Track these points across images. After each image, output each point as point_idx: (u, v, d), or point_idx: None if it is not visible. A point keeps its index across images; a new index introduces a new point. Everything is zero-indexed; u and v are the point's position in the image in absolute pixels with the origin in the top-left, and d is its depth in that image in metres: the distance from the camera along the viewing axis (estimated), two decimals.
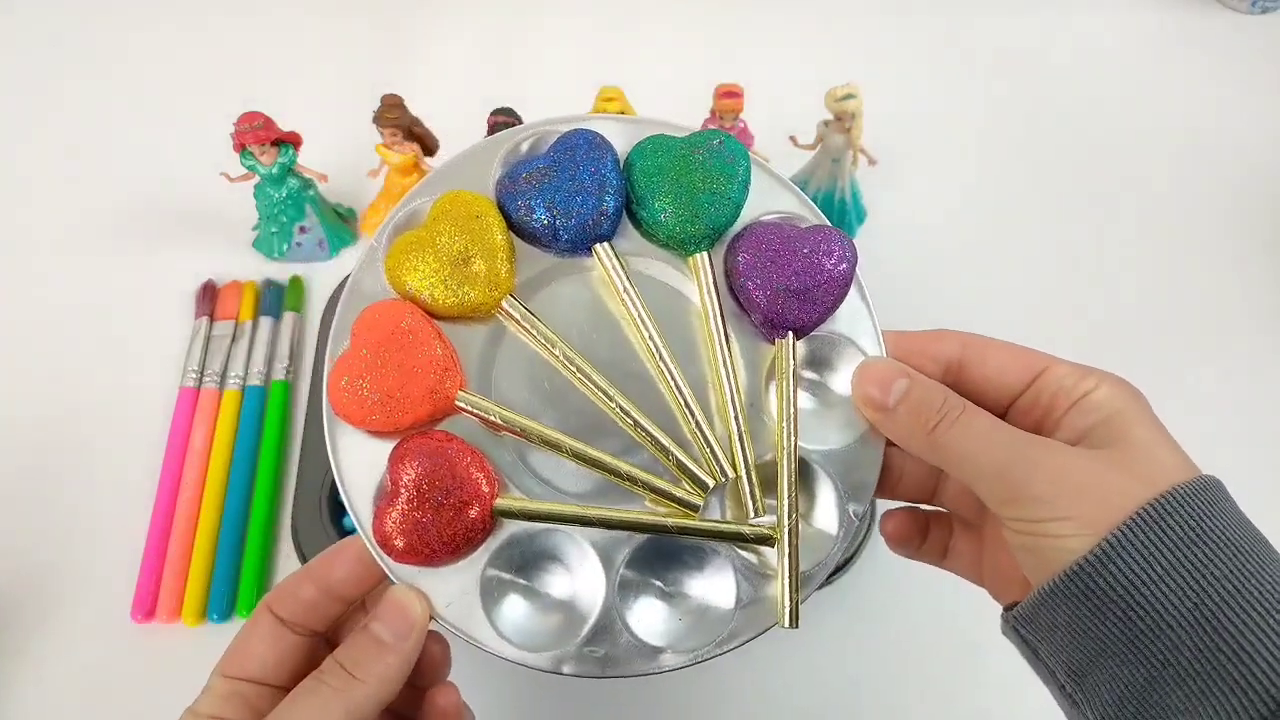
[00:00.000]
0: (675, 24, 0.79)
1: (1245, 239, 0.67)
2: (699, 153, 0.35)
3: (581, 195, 0.35)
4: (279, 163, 0.58)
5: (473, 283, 0.34)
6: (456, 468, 0.32)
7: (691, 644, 0.33)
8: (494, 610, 0.33)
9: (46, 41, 0.77)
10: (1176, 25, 0.79)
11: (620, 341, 0.36)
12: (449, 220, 0.35)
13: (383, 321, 0.34)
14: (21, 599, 0.52)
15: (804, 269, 0.35)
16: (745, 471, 0.34)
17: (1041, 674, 0.32)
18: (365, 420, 0.33)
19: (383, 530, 0.32)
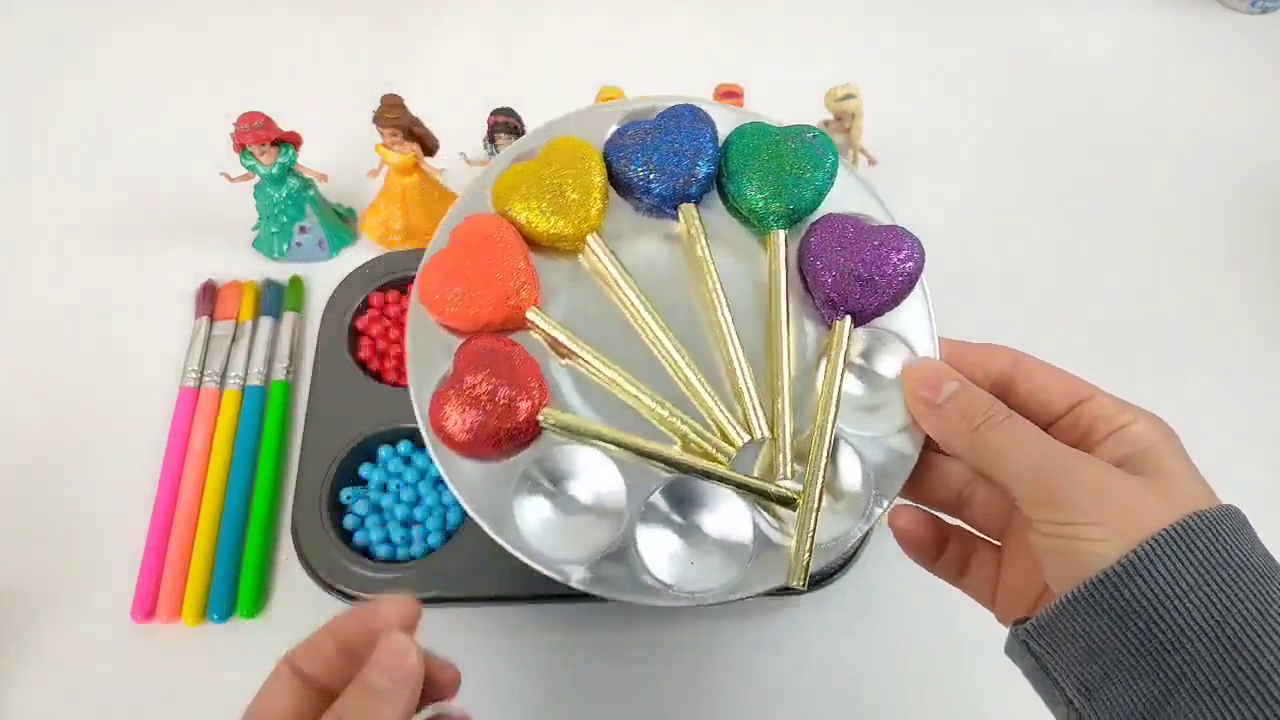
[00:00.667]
0: (675, 24, 0.79)
1: (1246, 239, 0.67)
2: (792, 142, 0.38)
3: (678, 157, 0.38)
4: (279, 163, 0.58)
5: (565, 213, 0.37)
6: (515, 369, 0.35)
7: (697, 587, 0.35)
8: (520, 513, 0.35)
9: (46, 42, 0.77)
10: (1176, 25, 0.79)
11: (685, 300, 0.38)
12: (556, 158, 0.38)
13: (479, 230, 0.37)
14: (22, 598, 0.52)
15: (872, 259, 0.37)
16: (782, 435, 0.36)
17: (1046, 692, 0.32)
18: (443, 310, 0.37)
19: (438, 413, 0.35)
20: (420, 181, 0.61)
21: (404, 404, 0.56)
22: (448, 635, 0.52)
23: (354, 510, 0.53)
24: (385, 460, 0.55)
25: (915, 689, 0.51)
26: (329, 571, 0.51)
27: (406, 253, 0.63)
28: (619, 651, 0.52)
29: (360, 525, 0.53)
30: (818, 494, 0.35)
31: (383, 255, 0.63)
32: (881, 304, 0.37)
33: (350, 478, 0.55)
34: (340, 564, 0.51)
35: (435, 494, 0.54)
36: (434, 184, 0.62)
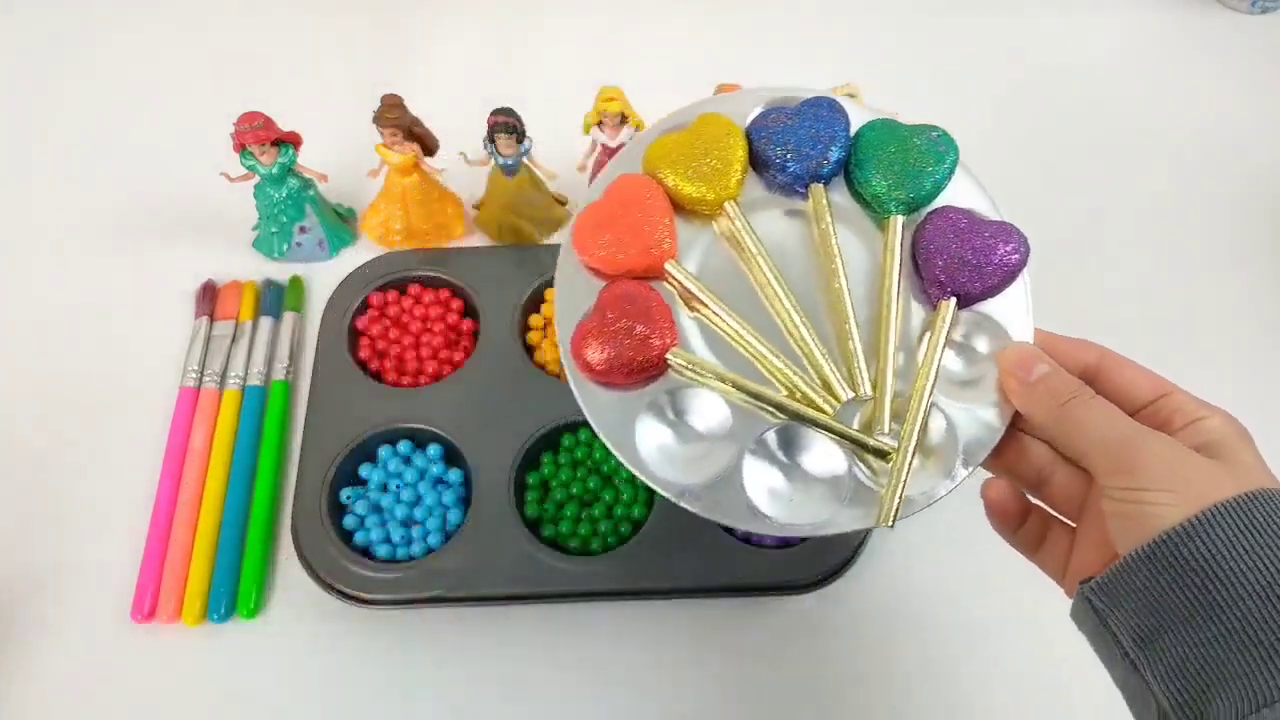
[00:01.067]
0: (675, 24, 0.79)
1: (1245, 239, 0.67)
2: (918, 138, 0.42)
3: (813, 141, 0.42)
4: (279, 163, 0.58)
5: (707, 180, 0.42)
6: (651, 311, 0.39)
7: (791, 520, 0.38)
8: (641, 436, 0.39)
9: (46, 42, 0.77)
10: (1176, 25, 0.79)
11: (804, 269, 0.42)
12: (705, 132, 0.43)
13: (632, 188, 0.42)
14: (22, 598, 0.52)
15: (982, 248, 0.40)
16: (883, 395, 0.39)
17: (1105, 647, 0.34)
18: (593, 254, 0.41)
19: (580, 342, 0.39)
20: (420, 181, 0.61)
21: (404, 404, 0.56)
22: (448, 635, 0.52)
23: (354, 510, 0.53)
24: (385, 460, 0.55)
25: (914, 689, 0.51)
26: (329, 571, 0.51)
27: (407, 253, 0.63)
28: (619, 651, 0.52)
29: (360, 525, 0.53)
30: (912, 449, 0.38)
31: (383, 255, 0.63)
32: (986, 290, 0.41)
33: (350, 478, 0.55)
34: (340, 564, 0.51)
35: (435, 494, 0.54)
36: (434, 184, 0.62)
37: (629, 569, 0.51)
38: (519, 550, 0.51)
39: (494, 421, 0.55)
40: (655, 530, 0.52)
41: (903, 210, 0.42)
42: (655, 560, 0.51)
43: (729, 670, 0.51)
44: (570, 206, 0.66)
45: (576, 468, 0.55)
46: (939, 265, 0.41)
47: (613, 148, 0.59)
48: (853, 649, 0.52)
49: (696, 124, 0.43)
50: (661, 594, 0.51)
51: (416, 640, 0.52)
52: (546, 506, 0.53)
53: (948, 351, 0.41)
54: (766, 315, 0.41)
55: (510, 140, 0.57)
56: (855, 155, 0.43)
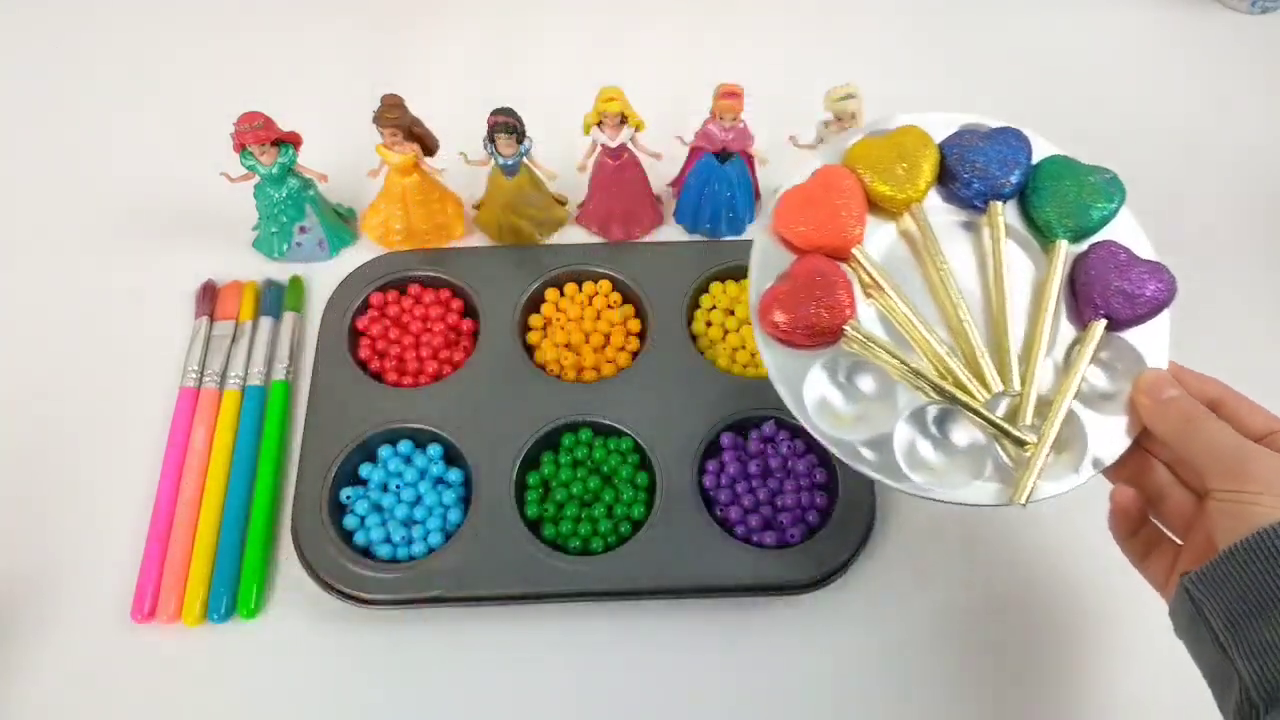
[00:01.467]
0: (675, 24, 0.79)
1: (1245, 239, 0.67)
2: (1092, 177, 0.48)
3: (1000, 164, 0.48)
4: (279, 163, 0.58)
5: (897, 183, 0.47)
6: (835, 285, 0.45)
7: (930, 487, 0.44)
8: (809, 392, 0.45)
9: (47, 42, 0.77)
10: (1176, 25, 0.79)
11: (969, 272, 0.48)
12: (903, 140, 0.48)
13: (834, 177, 0.47)
14: (22, 598, 0.52)
15: (1136, 281, 0.46)
16: (1029, 392, 0.44)
17: (1197, 637, 0.38)
18: (791, 231, 0.46)
19: (768, 306, 0.45)
20: (420, 182, 0.61)
21: (404, 404, 0.56)
22: (448, 635, 0.52)
23: (354, 510, 0.53)
24: (385, 460, 0.55)
25: (913, 688, 0.51)
26: (329, 571, 0.51)
27: (407, 253, 0.63)
28: (618, 650, 0.52)
29: (361, 525, 0.53)
30: (1050, 442, 0.43)
31: (383, 255, 0.63)
32: (1133, 318, 0.46)
33: (350, 478, 0.55)
34: (341, 564, 0.51)
35: (435, 494, 0.54)
36: (434, 184, 0.62)
37: (629, 569, 0.51)
38: (519, 550, 0.51)
39: (494, 421, 0.55)
40: (655, 530, 0.52)
41: (1069, 237, 0.47)
42: (655, 560, 0.51)
43: (728, 670, 0.51)
44: (570, 207, 0.66)
45: (577, 468, 0.55)
46: (1096, 290, 0.46)
47: (613, 148, 0.60)
48: (851, 649, 0.52)
49: (896, 133, 0.49)
50: (661, 594, 0.51)
51: (417, 640, 0.52)
52: (547, 506, 0.53)
53: (1090, 366, 0.46)
54: (931, 309, 0.47)
55: (510, 140, 0.57)
56: (1033, 182, 0.48)
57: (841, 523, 0.52)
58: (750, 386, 0.57)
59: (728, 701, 0.50)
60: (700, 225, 0.65)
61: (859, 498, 0.53)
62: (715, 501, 0.54)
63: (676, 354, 0.58)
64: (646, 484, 0.54)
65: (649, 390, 0.57)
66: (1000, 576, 0.54)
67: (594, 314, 0.61)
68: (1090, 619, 0.53)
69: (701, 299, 0.61)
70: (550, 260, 0.62)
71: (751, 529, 0.53)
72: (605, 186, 0.62)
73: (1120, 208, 0.48)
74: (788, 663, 0.51)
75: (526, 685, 0.51)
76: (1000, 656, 0.52)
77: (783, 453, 0.55)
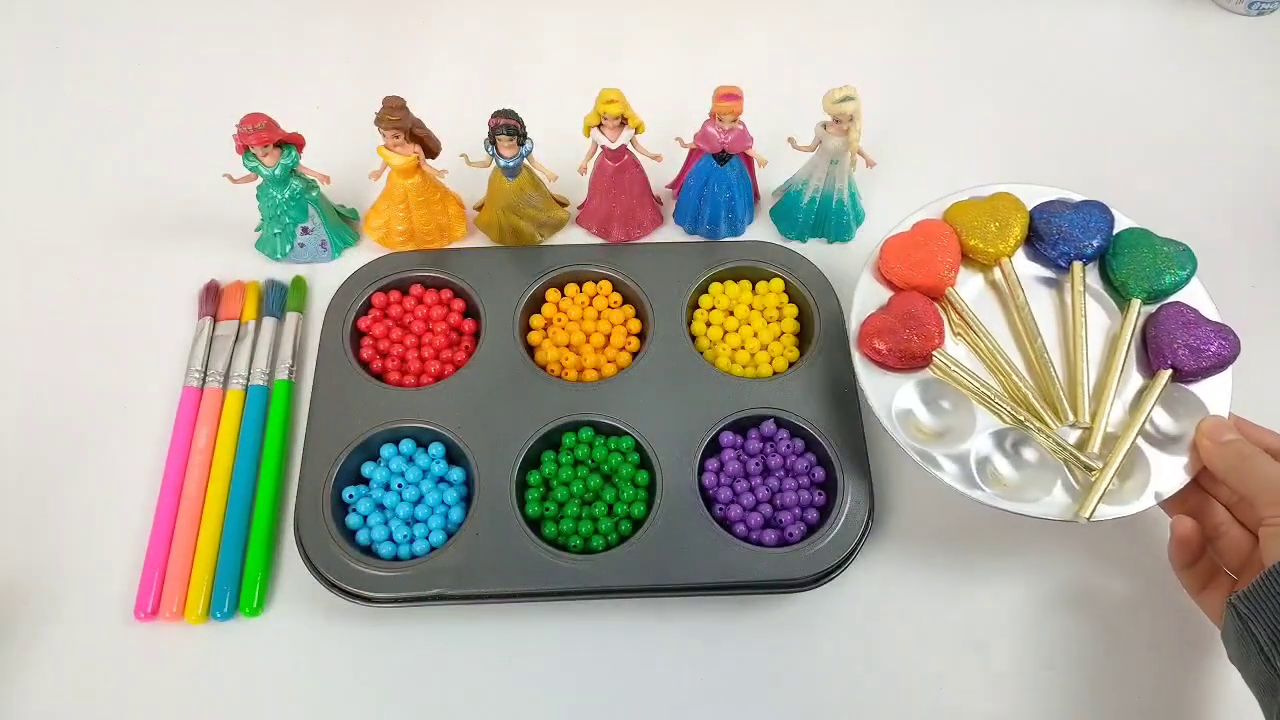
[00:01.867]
0: (675, 26, 0.79)
1: (1244, 239, 0.67)
2: (1167, 247, 0.55)
3: (1083, 230, 0.56)
4: (281, 164, 0.59)
5: (989, 239, 0.56)
6: (928, 318, 0.53)
7: (1002, 499, 0.49)
8: (898, 406, 0.52)
9: (49, 43, 0.78)
10: (1174, 27, 0.80)
11: (1048, 322, 0.55)
12: (997, 203, 0.57)
13: (934, 228, 0.56)
14: (25, 597, 0.53)
15: (1202, 338, 0.52)
16: (1100, 425, 0.51)
17: (1244, 648, 0.41)
18: (894, 269, 0.55)
19: (868, 330, 0.53)
20: (422, 183, 0.61)
21: (406, 403, 0.57)
22: (450, 633, 0.52)
23: (357, 509, 0.54)
24: (388, 459, 0.55)
25: (913, 686, 0.51)
26: (332, 570, 0.51)
27: (408, 254, 0.63)
28: (618, 649, 0.52)
29: (363, 524, 0.54)
30: (1114, 469, 0.50)
31: (385, 256, 0.63)
32: (1197, 370, 0.52)
33: (353, 477, 0.55)
34: (343, 562, 0.51)
35: (438, 493, 0.54)
36: (436, 186, 0.63)
37: (630, 567, 0.51)
38: (520, 548, 0.52)
39: (496, 421, 0.56)
40: (655, 529, 0.52)
41: (1143, 297, 0.54)
42: (655, 558, 0.51)
43: (729, 668, 0.51)
44: (570, 208, 0.67)
45: (577, 467, 0.55)
46: (1165, 343, 0.52)
47: (613, 150, 0.60)
48: (850, 647, 0.52)
49: (992, 197, 0.58)
50: (662, 592, 0.52)
51: (419, 638, 0.52)
52: (548, 505, 0.54)
53: (1156, 409, 0.52)
54: (1013, 349, 0.55)
55: (511, 142, 0.58)
56: (1113, 248, 0.56)
57: (841, 521, 0.52)
58: (750, 386, 0.57)
59: (728, 699, 0.51)
60: (700, 226, 0.65)
61: (858, 496, 0.53)
62: (715, 500, 0.54)
63: (676, 354, 0.59)
64: (647, 483, 0.55)
65: (649, 390, 0.57)
66: (1000, 577, 0.54)
67: (594, 314, 0.61)
68: (1090, 619, 0.53)
69: (701, 299, 0.62)
70: (551, 261, 0.62)
71: (751, 527, 0.53)
72: (605, 188, 0.63)
73: (1192, 276, 0.55)
74: (788, 660, 0.52)
75: (527, 683, 0.51)
76: (999, 655, 0.52)
77: (782, 451, 0.55)
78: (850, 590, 0.53)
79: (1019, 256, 0.57)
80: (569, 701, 0.51)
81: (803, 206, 0.64)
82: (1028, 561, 0.55)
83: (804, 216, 0.65)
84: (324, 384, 0.57)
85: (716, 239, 0.65)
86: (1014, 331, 0.55)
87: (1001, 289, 0.56)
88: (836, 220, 0.65)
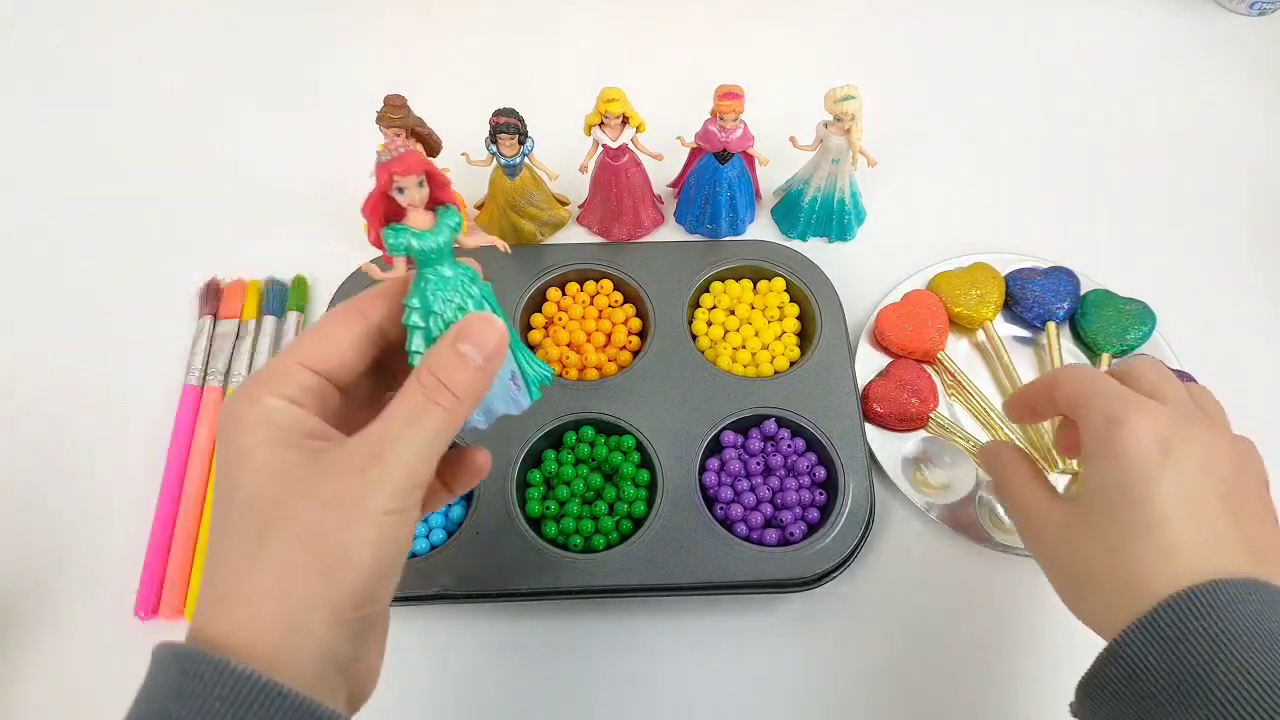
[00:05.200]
0: (676, 25, 0.79)
1: (1244, 239, 0.67)
2: (1129, 306, 0.61)
3: (1051, 293, 0.61)
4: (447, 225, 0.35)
5: (972, 306, 0.61)
6: (922, 383, 0.58)
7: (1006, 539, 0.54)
8: (904, 459, 0.57)
9: (49, 42, 0.78)
10: (1174, 27, 0.80)
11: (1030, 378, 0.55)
12: (976, 273, 0.62)
13: (923, 299, 0.61)
14: (25, 596, 0.53)
15: None
16: None
17: None
18: (890, 338, 0.60)
19: (870, 395, 0.58)
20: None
21: None
22: (450, 632, 0.52)
23: None
24: None
25: (912, 685, 0.51)
26: None
27: None
28: (619, 649, 0.52)
29: None
30: None
31: None
32: None
33: None
34: None
35: None
36: None
37: (631, 566, 0.51)
38: (521, 547, 0.52)
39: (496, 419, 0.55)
40: (657, 528, 0.52)
41: (1113, 351, 0.60)
42: (657, 558, 0.51)
43: (730, 666, 0.51)
44: (572, 207, 0.67)
45: (579, 465, 0.55)
46: None
47: (614, 149, 0.60)
48: (851, 646, 0.52)
49: (971, 268, 0.63)
50: (663, 591, 0.52)
51: (419, 637, 0.52)
52: (549, 504, 0.54)
53: None
54: (999, 403, 0.59)
55: (512, 141, 0.58)
56: (1081, 309, 0.61)
57: (842, 521, 0.52)
58: (751, 386, 0.57)
59: (729, 698, 0.51)
60: (701, 225, 0.65)
61: (859, 495, 0.53)
62: (717, 499, 0.54)
63: (678, 353, 0.58)
64: (648, 482, 0.54)
65: (651, 389, 0.57)
66: (999, 576, 0.54)
67: (595, 313, 0.61)
68: None
69: (702, 299, 0.62)
70: (552, 260, 0.62)
71: (753, 527, 0.53)
72: (606, 187, 0.62)
73: (1152, 331, 0.60)
74: (789, 659, 0.52)
75: (528, 682, 0.51)
76: (999, 654, 0.52)
77: (783, 451, 0.55)
78: (851, 590, 0.53)
79: (998, 320, 0.62)
80: (569, 700, 0.51)
81: (804, 206, 0.64)
82: (1029, 562, 0.54)
83: (805, 216, 0.65)
84: None
85: (718, 238, 0.65)
86: (1001, 388, 0.60)
87: (986, 350, 0.61)
88: (838, 219, 0.65)
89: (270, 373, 0.31)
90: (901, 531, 0.55)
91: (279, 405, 0.31)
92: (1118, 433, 0.36)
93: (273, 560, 0.29)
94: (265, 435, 0.30)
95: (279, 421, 0.30)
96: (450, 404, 0.31)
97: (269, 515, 0.29)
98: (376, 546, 0.29)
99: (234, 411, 0.31)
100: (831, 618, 0.53)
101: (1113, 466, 0.36)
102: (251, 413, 0.30)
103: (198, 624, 0.29)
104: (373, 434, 0.30)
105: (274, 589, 0.28)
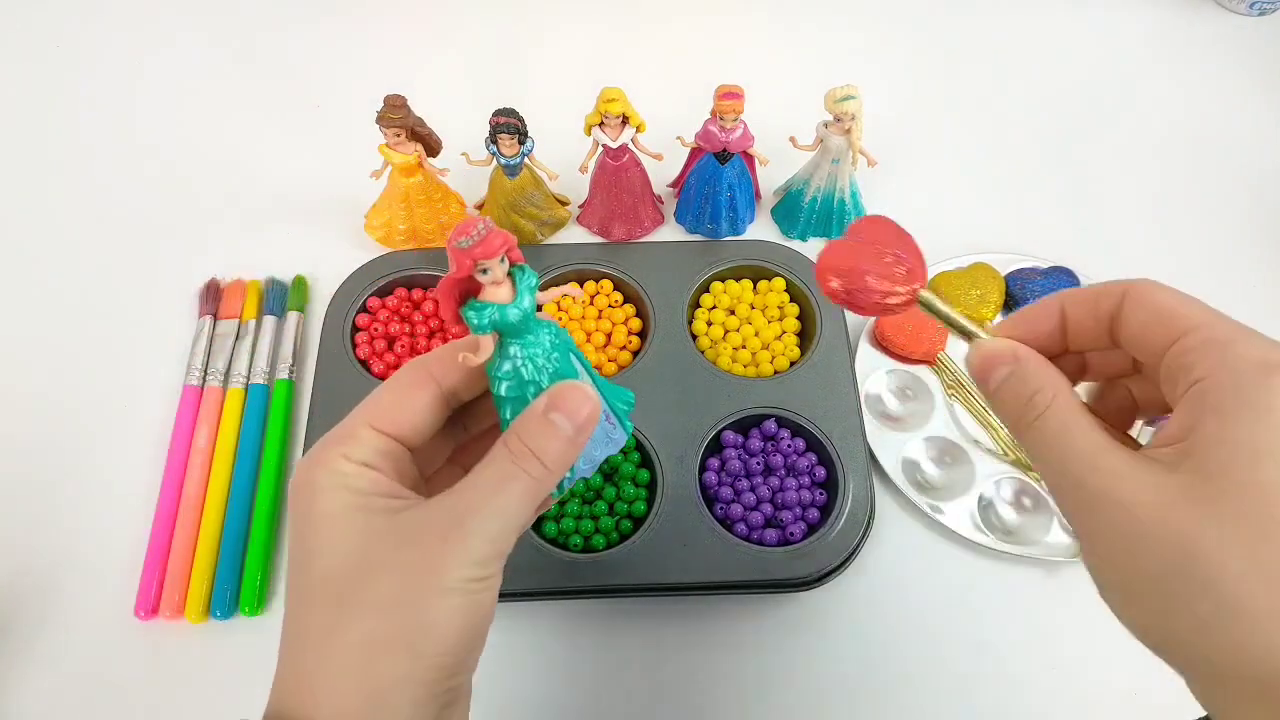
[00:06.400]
0: (675, 24, 0.79)
1: (1244, 239, 0.67)
2: None
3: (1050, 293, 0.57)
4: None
5: (972, 306, 0.61)
6: (909, 249, 0.36)
7: (1005, 543, 0.54)
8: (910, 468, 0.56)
9: (50, 41, 0.78)
10: (1174, 27, 0.80)
11: None
12: (976, 273, 0.62)
13: None
14: (25, 596, 0.53)
15: None
16: None
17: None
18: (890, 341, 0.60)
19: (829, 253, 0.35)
20: (423, 182, 0.61)
21: None
22: None
23: None
24: None
25: (913, 684, 0.51)
26: None
27: (409, 253, 0.63)
28: (619, 648, 0.52)
29: None
30: None
31: (386, 255, 0.63)
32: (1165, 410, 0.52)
33: None
34: None
35: None
36: (437, 184, 0.63)
37: (630, 566, 0.51)
38: (521, 547, 0.51)
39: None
40: (657, 528, 0.52)
41: None
42: (656, 558, 0.51)
43: (730, 666, 0.51)
44: (572, 207, 0.67)
45: None
46: None
47: (614, 148, 0.60)
48: (851, 646, 0.52)
49: (971, 268, 0.63)
50: (663, 591, 0.51)
51: None
52: None
53: None
54: None
55: (512, 141, 0.58)
56: None
57: (842, 520, 0.52)
58: (751, 385, 0.57)
59: (729, 697, 0.51)
60: (701, 225, 0.65)
61: (859, 495, 0.53)
62: (716, 499, 0.54)
63: (678, 353, 0.58)
64: (648, 481, 0.54)
65: (651, 389, 0.57)
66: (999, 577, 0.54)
67: (595, 313, 0.61)
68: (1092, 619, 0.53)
69: (702, 299, 0.62)
70: (552, 260, 0.62)
71: (753, 527, 0.53)
72: (606, 187, 0.62)
73: None
74: (789, 659, 0.52)
75: (527, 681, 0.51)
76: (999, 655, 0.52)
77: (783, 451, 0.55)
78: (851, 590, 0.53)
79: (999, 319, 0.61)
80: (569, 700, 0.51)
81: (804, 205, 0.64)
82: (1029, 562, 0.54)
83: (805, 215, 0.65)
84: (324, 383, 0.57)
85: (718, 238, 0.65)
86: None
87: None
88: (838, 219, 0.65)
89: (342, 436, 0.30)
90: (901, 531, 0.55)
91: (354, 470, 0.30)
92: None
93: (356, 634, 0.28)
94: (343, 501, 0.29)
95: (356, 486, 0.29)
96: (539, 474, 0.30)
97: (350, 585, 0.28)
98: (462, 617, 0.29)
99: (308, 476, 0.30)
100: (831, 618, 0.53)
101: (1275, 434, 0.25)
102: (327, 478, 0.29)
103: (278, 698, 0.29)
104: (456, 499, 0.29)
105: (358, 666, 0.28)
